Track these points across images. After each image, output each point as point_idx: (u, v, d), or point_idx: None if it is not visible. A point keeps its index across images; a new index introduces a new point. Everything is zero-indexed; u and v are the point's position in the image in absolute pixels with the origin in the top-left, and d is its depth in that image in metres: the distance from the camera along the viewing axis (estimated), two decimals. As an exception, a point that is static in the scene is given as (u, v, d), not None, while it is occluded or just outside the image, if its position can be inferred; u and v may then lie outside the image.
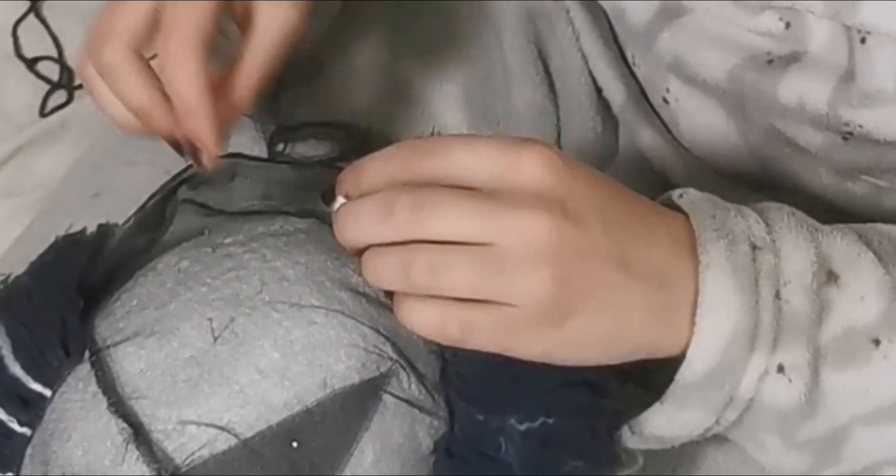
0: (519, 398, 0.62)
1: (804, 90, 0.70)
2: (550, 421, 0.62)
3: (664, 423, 0.64)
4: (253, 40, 0.68)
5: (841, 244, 0.64)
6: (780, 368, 0.62)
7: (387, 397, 0.61)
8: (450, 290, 0.59)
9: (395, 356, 0.62)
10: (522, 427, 0.62)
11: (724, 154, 0.82)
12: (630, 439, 0.66)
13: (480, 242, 0.58)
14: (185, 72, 0.65)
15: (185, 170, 0.71)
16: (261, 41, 0.68)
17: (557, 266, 0.58)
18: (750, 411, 0.63)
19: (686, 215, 0.63)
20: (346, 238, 0.61)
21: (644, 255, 0.60)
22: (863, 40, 0.68)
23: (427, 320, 0.60)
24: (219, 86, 0.67)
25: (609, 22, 0.87)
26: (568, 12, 0.89)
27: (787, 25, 0.70)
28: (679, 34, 0.74)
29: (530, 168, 0.59)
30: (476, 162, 0.59)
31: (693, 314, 0.61)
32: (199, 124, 0.65)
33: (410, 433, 0.62)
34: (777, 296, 0.61)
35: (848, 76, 0.69)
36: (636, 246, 0.60)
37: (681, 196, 0.64)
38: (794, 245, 0.62)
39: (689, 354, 0.61)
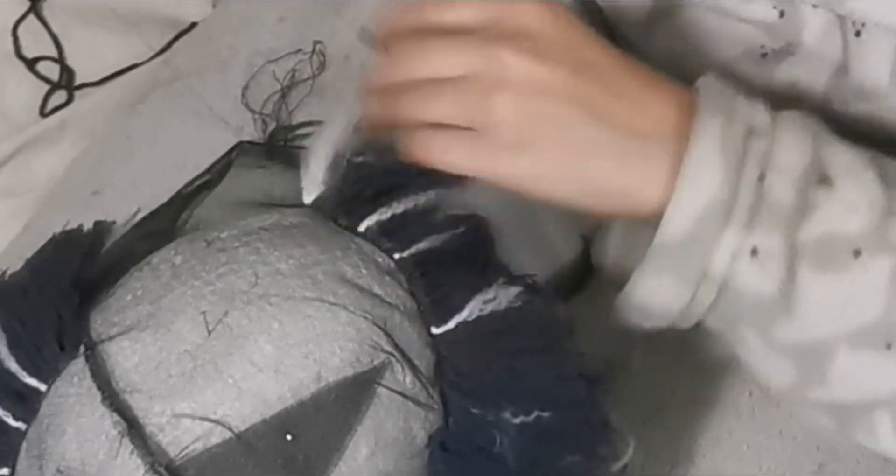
0: (514, 392, 0.62)
1: (799, 83, 0.71)
2: (546, 414, 0.62)
3: (645, 291, 0.65)
4: None
5: (845, 155, 0.64)
6: (754, 251, 0.62)
7: (381, 390, 0.61)
8: (434, 117, 0.64)
9: (389, 349, 0.62)
10: (517, 420, 0.62)
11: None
12: (620, 312, 0.67)
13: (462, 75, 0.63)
14: None
15: (198, 178, 0.71)
16: None
17: (515, 95, 0.62)
18: (725, 295, 0.63)
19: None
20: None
21: (623, 106, 0.63)
22: (857, 33, 0.68)
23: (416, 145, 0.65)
24: None
25: (606, 22, 0.87)
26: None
27: (782, 14, 0.70)
28: (674, 30, 0.74)
29: (518, 16, 0.63)
30: (470, 14, 0.64)
31: (672, 177, 0.62)
32: None
33: (405, 427, 0.62)
34: (761, 178, 0.62)
35: (842, 70, 0.69)
36: (616, 98, 0.63)
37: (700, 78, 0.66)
38: (793, 139, 0.63)
39: (665, 215, 0.62)
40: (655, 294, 0.65)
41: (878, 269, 0.63)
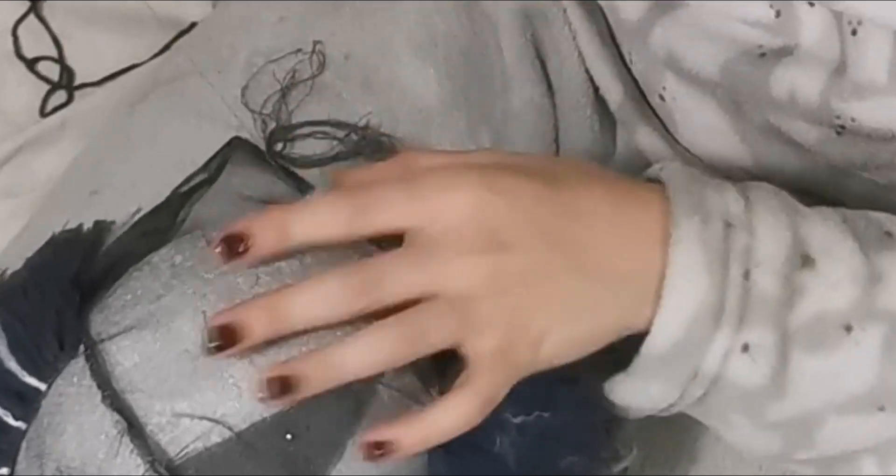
0: (514, 391, 0.62)
1: (796, 83, 0.70)
2: (546, 414, 0.62)
3: (629, 393, 0.64)
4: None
5: (821, 229, 0.64)
6: (745, 348, 0.62)
7: (381, 389, 0.61)
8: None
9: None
10: (518, 420, 0.62)
11: (721, 151, 0.82)
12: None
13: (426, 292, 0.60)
14: None
15: (196, 174, 0.71)
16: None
17: (504, 298, 0.60)
18: (715, 389, 0.63)
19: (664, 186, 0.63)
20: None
21: (606, 254, 0.61)
22: (854, 32, 0.67)
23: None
24: None
25: (606, 20, 0.87)
26: (564, 11, 0.89)
27: (778, 14, 0.70)
28: (672, 28, 0.74)
29: (453, 215, 0.59)
30: (399, 213, 0.60)
31: (660, 288, 0.61)
32: None
33: (405, 426, 0.62)
34: (746, 276, 0.61)
35: (840, 69, 0.69)
36: (596, 250, 0.61)
37: (661, 168, 0.65)
38: (771, 227, 0.62)
39: (652, 329, 0.61)
40: (639, 394, 0.64)
41: (870, 339, 0.63)
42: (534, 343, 0.61)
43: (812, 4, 0.69)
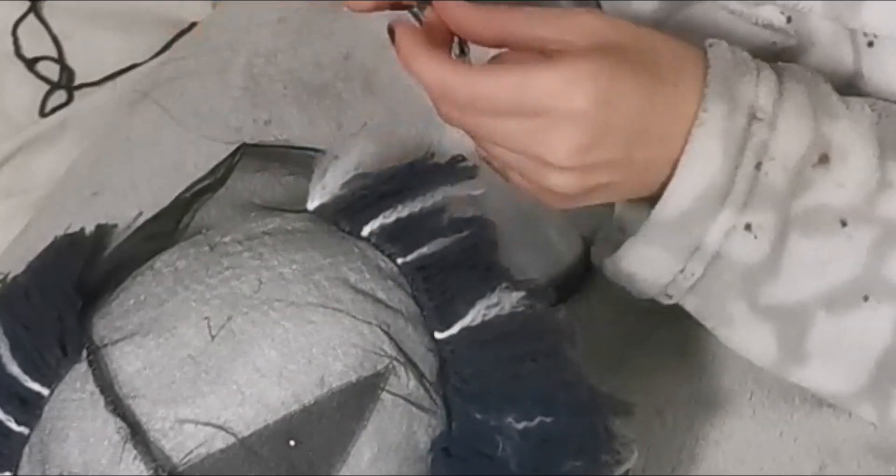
0: (517, 397, 0.62)
1: None
2: (548, 420, 0.62)
3: (636, 260, 0.68)
4: None
5: (847, 130, 0.67)
6: (748, 227, 0.66)
7: (385, 395, 0.61)
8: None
9: (392, 354, 0.62)
10: (520, 426, 0.62)
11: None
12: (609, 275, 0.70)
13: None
14: None
15: (201, 181, 0.71)
16: None
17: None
18: (714, 268, 0.67)
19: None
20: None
21: (665, 128, 0.65)
22: (870, 44, 0.68)
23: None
24: None
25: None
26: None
27: (789, 19, 0.70)
28: (684, 26, 0.74)
29: (558, 97, 0.63)
30: (504, 92, 0.63)
31: (678, 163, 0.65)
32: None
33: (408, 432, 0.62)
34: (758, 167, 0.65)
35: (857, 75, 0.69)
36: (661, 123, 0.65)
37: (711, 45, 0.67)
38: (795, 124, 0.66)
39: (665, 195, 0.66)
40: (645, 263, 0.68)
41: (862, 237, 0.66)
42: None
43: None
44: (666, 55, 0.66)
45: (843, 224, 0.66)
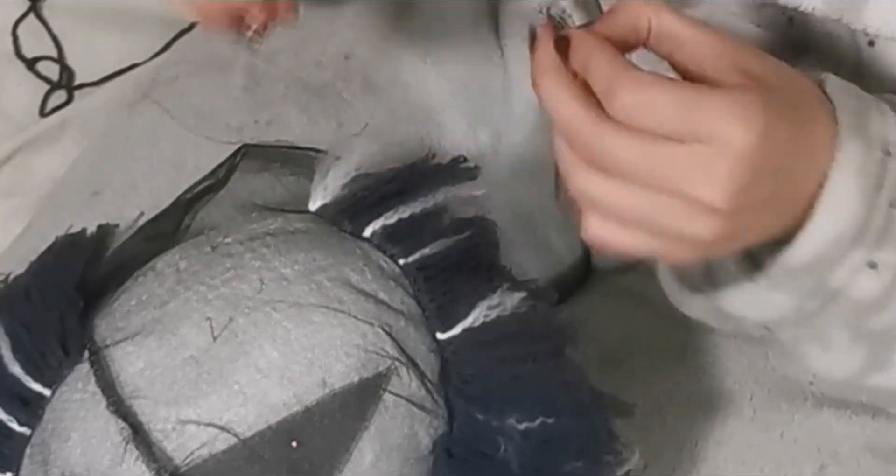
0: (518, 398, 0.62)
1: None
2: (550, 421, 0.62)
3: (751, 301, 0.65)
4: None
5: None
6: (872, 265, 0.63)
7: (386, 396, 0.61)
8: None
9: (394, 355, 0.62)
10: (522, 427, 0.62)
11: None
12: (695, 307, 0.67)
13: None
14: None
15: (202, 181, 0.71)
16: None
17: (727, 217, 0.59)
18: (831, 303, 0.64)
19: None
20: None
21: (795, 179, 0.61)
22: (871, 43, 0.68)
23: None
24: None
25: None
26: (564, 11, 0.89)
27: (790, 20, 0.70)
28: None
29: (722, 125, 0.57)
30: (669, 106, 0.58)
31: (811, 203, 0.61)
32: None
33: (410, 433, 0.62)
34: (892, 204, 0.62)
35: (856, 77, 0.69)
36: (792, 178, 0.61)
37: (825, 81, 0.64)
38: None
39: (796, 242, 0.62)
40: (754, 305, 0.65)
41: None
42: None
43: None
44: (798, 89, 0.62)
45: None
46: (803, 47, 0.72)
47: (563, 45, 0.61)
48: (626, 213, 0.59)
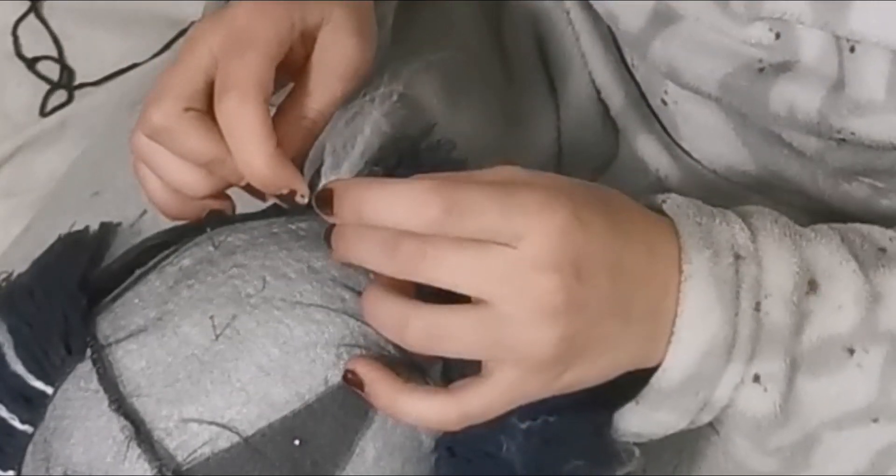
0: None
1: (795, 99, 0.70)
2: (552, 419, 0.62)
3: (639, 422, 0.64)
4: (317, 72, 0.66)
5: (824, 251, 0.64)
6: (756, 378, 0.62)
7: (388, 395, 0.61)
8: (447, 351, 0.59)
9: (396, 353, 0.62)
10: (524, 425, 0.62)
11: (723, 155, 0.82)
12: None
13: (480, 298, 0.58)
14: (245, 127, 0.63)
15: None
16: (327, 71, 0.66)
17: (564, 327, 0.58)
18: (725, 417, 0.64)
19: (670, 218, 0.63)
20: (342, 256, 0.61)
21: (643, 295, 0.60)
22: (852, 49, 0.67)
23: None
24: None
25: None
26: (568, 13, 0.89)
27: (777, 36, 0.69)
28: (671, 42, 0.73)
29: (541, 236, 0.57)
30: (488, 223, 0.57)
31: (673, 323, 0.61)
32: (275, 177, 0.64)
33: (412, 431, 0.62)
34: (757, 308, 0.61)
35: (838, 85, 0.68)
36: (638, 289, 0.60)
37: (664, 201, 0.64)
38: (778, 255, 0.62)
39: (664, 364, 0.61)
40: (649, 423, 0.64)
41: (872, 360, 0.63)
42: (556, 377, 0.60)
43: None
44: (631, 211, 0.62)
45: (851, 352, 0.63)
46: (787, 64, 0.71)
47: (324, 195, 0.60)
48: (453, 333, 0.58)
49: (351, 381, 0.60)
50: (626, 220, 0.61)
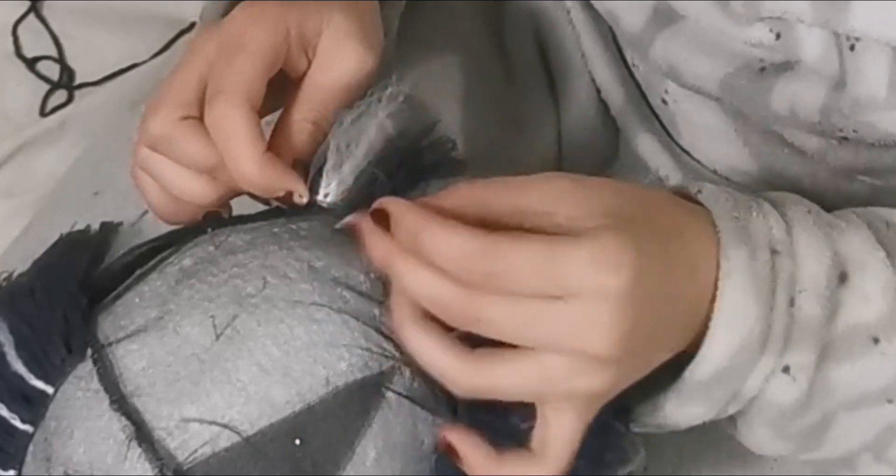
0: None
1: (796, 98, 0.70)
2: (553, 419, 0.62)
3: (664, 414, 0.64)
4: (318, 78, 0.66)
5: (855, 242, 0.64)
6: (786, 369, 0.62)
7: (389, 395, 0.61)
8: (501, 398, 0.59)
9: (397, 354, 0.62)
10: (525, 426, 0.62)
11: (723, 155, 0.82)
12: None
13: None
14: (232, 131, 0.63)
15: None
16: (328, 78, 0.66)
17: (616, 368, 0.58)
18: (750, 407, 0.64)
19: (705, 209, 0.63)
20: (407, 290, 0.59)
21: (683, 305, 0.60)
22: (852, 48, 0.67)
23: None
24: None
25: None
26: (569, 12, 0.89)
27: (778, 36, 0.69)
28: (672, 42, 0.74)
29: (590, 296, 0.56)
30: (530, 269, 0.56)
31: (708, 315, 0.61)
32: (267, 180, 0.64)
33: (412, 431, 0.62)
34: (791, 303, 0.61)
35: (839, 84, 0.68)
36: (679, 304, 0.60)
37: (699, 191, 0.63)
38: (813, 249, 0.62)
39: (698, 357, 0.61)
40: (674, 417, 0.64)
41: (893, 350, 0.63)
42: (605, 399, 0.60)
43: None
44: (667, 212, 0.61)
45: (876, 341, 0.63)
46: (788, 64, 0.71)
47: (379, 215, 0.60)
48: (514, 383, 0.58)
49: (448, 451, 0.60)
50: (677, 239, 0.60)
